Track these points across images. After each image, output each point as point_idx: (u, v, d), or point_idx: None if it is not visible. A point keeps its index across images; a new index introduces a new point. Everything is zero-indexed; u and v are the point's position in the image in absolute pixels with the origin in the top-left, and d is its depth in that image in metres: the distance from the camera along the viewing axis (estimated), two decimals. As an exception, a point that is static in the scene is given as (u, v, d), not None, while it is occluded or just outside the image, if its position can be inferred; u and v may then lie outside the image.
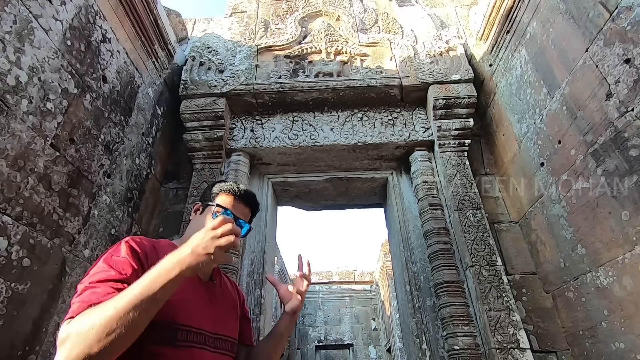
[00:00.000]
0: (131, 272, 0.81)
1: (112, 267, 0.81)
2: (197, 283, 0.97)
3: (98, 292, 0.75)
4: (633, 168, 1.63)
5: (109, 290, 0.75)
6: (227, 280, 1.17)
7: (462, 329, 2.17)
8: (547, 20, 2.19)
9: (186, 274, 0.74)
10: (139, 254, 0.86)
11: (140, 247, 0.88)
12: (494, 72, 2.82)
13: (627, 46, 1.61)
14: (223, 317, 1.00)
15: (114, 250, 0.86)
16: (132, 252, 0.85)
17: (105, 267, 0.81)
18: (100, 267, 0.81)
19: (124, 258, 0.83)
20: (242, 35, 3.28)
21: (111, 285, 0.77)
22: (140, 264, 0.85)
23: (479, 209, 2.52)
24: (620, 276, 1.74)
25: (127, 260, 0.83)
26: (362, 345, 12.13)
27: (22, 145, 1.59)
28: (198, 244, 0.76)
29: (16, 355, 1.52)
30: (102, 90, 2.19)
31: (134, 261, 0.84)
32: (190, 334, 0.86)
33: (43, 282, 1.68)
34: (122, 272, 0.80)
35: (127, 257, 0.84)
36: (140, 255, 0.86)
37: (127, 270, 0.81)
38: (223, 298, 1.05)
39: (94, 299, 0.73)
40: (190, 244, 0.76)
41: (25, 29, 1.62)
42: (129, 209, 2.45)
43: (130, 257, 0.84)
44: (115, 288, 0.76)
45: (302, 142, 2.85)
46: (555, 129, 2.16)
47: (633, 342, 1.69)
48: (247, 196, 1.09)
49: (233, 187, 1.08)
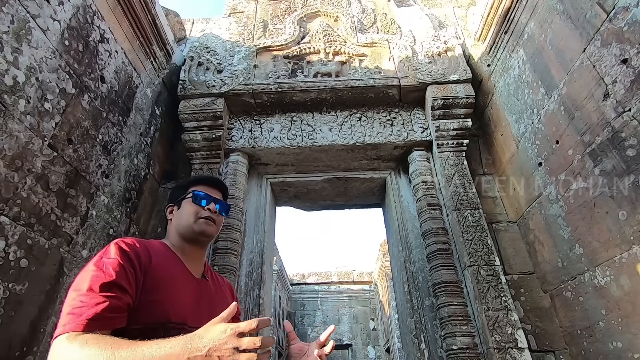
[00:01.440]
0: (121, 273, 0.82)
1: (102, 270, 0.81)
2: (190, 280, 0.98)
3: (89, 303, 0.75)
4: (630, 168, 1.64)
5: (99, 300, 0.76)
6: (220, 278, 1.18)
7: (460, 329, 2.17)
8: (544, 20, 2.20)
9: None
10: (129, 255, 0.87)
11: (130, 248, 0.89)
12: (492, 73, 2.83)
13: (624, 46, 1.62)
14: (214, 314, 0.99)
15: (103, 253, 0.87)
16: (122, 253, 0.86)
17: (95, 272, 0.81)
18: (90, 270, 0.82)
19: (114, 259, 0.84)
20: (241, 36, 3.28)
21: (102, 294, 0.77)
22: (131, 265, 0.85)
23: (477, 208, 2.52)
24: (617, 276, 1.75)
25: (117, 261, 0.84)
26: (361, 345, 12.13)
27: (20, 146, 1.58)
28: (216, 347, 0.65)
29: (13, 355, 1.52)
30: (100, 90, 2.19)
31: (124, 261, 0.84)
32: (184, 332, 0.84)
33: (41, 283, 1.67)
34: (112, 274, 0.81)
35: (117, 258, 0.84)
36: (130, 255, 0.87)
37: (117, 271, 0.82)
38: (217, 296, 1.06)
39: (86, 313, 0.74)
40: (207, 341, 0.66)
41: (23, 29, 1.62)
42: (127, 209, 2.44)
43: (120, 258, 0.85)
44: (105, 296, 0.77)
45: (300, 143, 2.85)
46: (553, 129, 2.16)
47: (630, 341, 1.69)
48: (214, 180, 1.17)
49: (199, 176, 1.16)
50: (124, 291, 0.81)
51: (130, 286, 0.82)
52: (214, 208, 1.07)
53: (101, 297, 0.76)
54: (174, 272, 0.95)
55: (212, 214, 1.05)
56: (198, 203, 1.06)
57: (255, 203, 2.93)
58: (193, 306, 0.93)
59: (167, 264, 0.95)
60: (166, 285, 0.90)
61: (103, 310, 0.75)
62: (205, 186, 1.11)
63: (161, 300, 0.87)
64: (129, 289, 0.82)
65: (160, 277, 0.90)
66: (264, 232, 2.81)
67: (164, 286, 0.89)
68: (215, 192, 1.12)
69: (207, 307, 0.97)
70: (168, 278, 0.92)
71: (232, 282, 2.40)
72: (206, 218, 1.04)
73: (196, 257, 1.06)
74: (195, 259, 1.05)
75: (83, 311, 0.74)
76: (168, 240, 1.06)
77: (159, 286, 0.88)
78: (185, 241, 1.04)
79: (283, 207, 3.52)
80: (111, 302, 0.77)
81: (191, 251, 1.04)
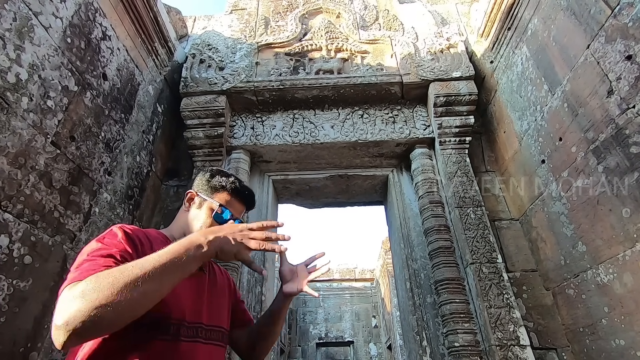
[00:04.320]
0: (127, 251, 0.79)
1: (107, 246, 0.79)
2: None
3: (99, 263, 0.73)
4: (634, 165, 1.63)
5: (110, 263, 0.73)
6: (218, 268, 1.15)
7: (462, 326, 2.17)
8: (548, 16, 2.18)
9: (206, 253, 0.77)
10: (133, 238, 0.84)
11: (133, 232, 0.86)
12: (495, 69, 2.81)
13: (629, 42, 1.61)
14: (215, 309, 0.99)
15: (107, 234, 0.84)
16: (126, 235, 0.84)
17: (100, 245, 0.79)
18: (95, 246, 0.79)
19: (118, 241, 0.82)
20: (243, 33, 3.27)
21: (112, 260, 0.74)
22: (135, 249, 0.82)
23: (479, 206, 2.51)
24: (620, 273, 1.74)
25: (121, 243, 0.81)
26: (362, 342, 12.16)
27: (23, 143, 1.59)
28: (231, 231, 0.82)
29: (18, 351, 1.53)
30: (103, 87, 2.19)
31: (128, 244, 0.82)
32: (182, 328, 0.84)
33: (44, 279, 1.68)
34: (119, 249, 0.78)
35: (121, 241, 0.82)
36: (134, 239, 0.84)
37: (123, 248, 0.79)
38: (215, 288, 1.04)
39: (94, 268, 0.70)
40: (222, 229, 0.83)
41: (25, 26, 1.62)
42: (129, 206, 2.45)
43: (124, 240, 0.82)
44: (115, 262, 0.74)
45: (302, 140, 2.85)
46: (556, 126, 2.15)
47: (633, 339, 1.69)
48: (248, 196, 1.11)
49: (235, 186, 1.07)
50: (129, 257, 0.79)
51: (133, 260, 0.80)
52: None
53: (111, 260, 0.74)
54: None
55: None
56: (218, 220, 1.01)
57: (257, 200, 2.91)
58: (192, 301, 0.91)
59: None
60: None
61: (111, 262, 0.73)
62: (237, 200, 1.06)
63: None
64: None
65: None
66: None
67: None
68: (241, 208, 1.08)
69: (206, 302, 0.96)
70: None
71: (234, 279, 2.41)
72: None
73: None
74: None
75: (90, 266, 0.71)
76: (169, 232, 1.03)
77: None
78: None
79: (285, 205, 3.52)
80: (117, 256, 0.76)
81: None
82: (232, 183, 1.07)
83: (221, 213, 1.01)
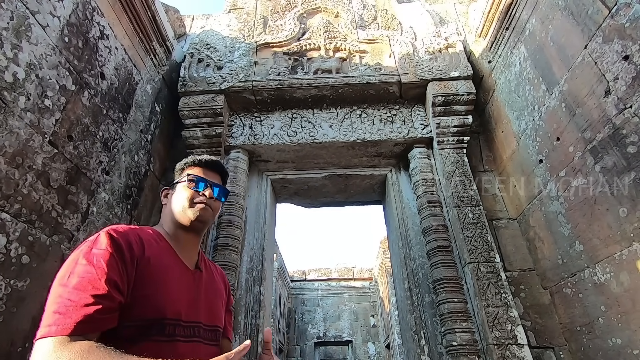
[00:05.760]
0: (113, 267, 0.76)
1: (92, 264, 0.75)
2: (184, 273, 0.93)
3: (78, 303, 0.70)
4: (631, 165, 1.63)
5: (89, 300, 0.70)
6: (213, 266, 1.12)
7: (460, 325, 2.18)
8: (546, 16, 2.19)
9: None
10: (121, 246, 0.81)
11: (122, 238, 0.82)
12: (493, 69, 2.82)
13: (626, 43, 1.61)
14: (211, 308, 0.98)
15: (93, 243, 0.80)
16: (113, 243, 0.80)
17: (85, 266, 0.75)
18: (79, 264, 0.76)
19: (104, 250, 0.78)
20: (241, 32, 3.27)
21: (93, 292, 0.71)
22: (123, 257, 0.79)
23: (477, 205, 2.52)
24: (617, 272, 1.75)
25: (108, 252, 0.78)
26: (361, 341, 12.19)
27: (20, 142, 1.58)
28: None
29: (15, 351, 1.53)
30: (100, 87, 2.18)
31: (116, 253, 0.79)
32: (179, 328, 0.83)
33: (42, 279, 1.68)
34: (104, 268, 0.75)
35: (107, 249, 0.78)
36: (122, 246, 0.81)
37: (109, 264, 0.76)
38: (212, 287, 1.02)
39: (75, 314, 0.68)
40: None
41: (23, 26, 1.62)
42: (127, 206, 2.45)
43: (112, 249, 0.79)
44: (95, 296, 0.71)
45: (301, 139, 2.85)
46: (554, 126, 2.16)
47: (630, 337, 1.70)
48: (212, 162, 1.08)
49: (197, 158, 1.07)
50: (116, 288, 0.75)
51: (122, 281, 0.77)
52: (211, 194, 1.00)
53: (91, 297, 0.70)
54: (167, 264, 0.90)
55: (208, 199, 0.99)
56: (194, 188, 0.99)
57: (255, 200, 2.93)
58: (187, 301, 0.89)
59: (160, 255, 0.89)
60: (160, 278, 0.84)
61: (94, 312, 0.70)
62: (203, 169, 1.05)
63: (155, 294, 0.82)
64: (121, 285, 0.76)
65: (154, 269, 0.84)
66: (264, 229, 2.82)
67: (158, 280, 0.84)
68: (213, 176, 1.05)
69: (202, 302, 0.94)
70: (162, 271, 0.86)
71: (232, 279, 2.41)
72: (202, 204, 0.98)
73: (191, 246, 1.00)
74: (190, 248, 1.00)
75: (71, 312, 0.68)
76: (161, 228, 1.01)
77: (153, 280, 0.83)
78: (179, 228, 0.98)
79: (283, 204, 3.52)
80: (102, 303, 0.71)
81: (186, 239, 0.99)
82: (193, 158, 1.08)
83: (192, 181, 1.01)
